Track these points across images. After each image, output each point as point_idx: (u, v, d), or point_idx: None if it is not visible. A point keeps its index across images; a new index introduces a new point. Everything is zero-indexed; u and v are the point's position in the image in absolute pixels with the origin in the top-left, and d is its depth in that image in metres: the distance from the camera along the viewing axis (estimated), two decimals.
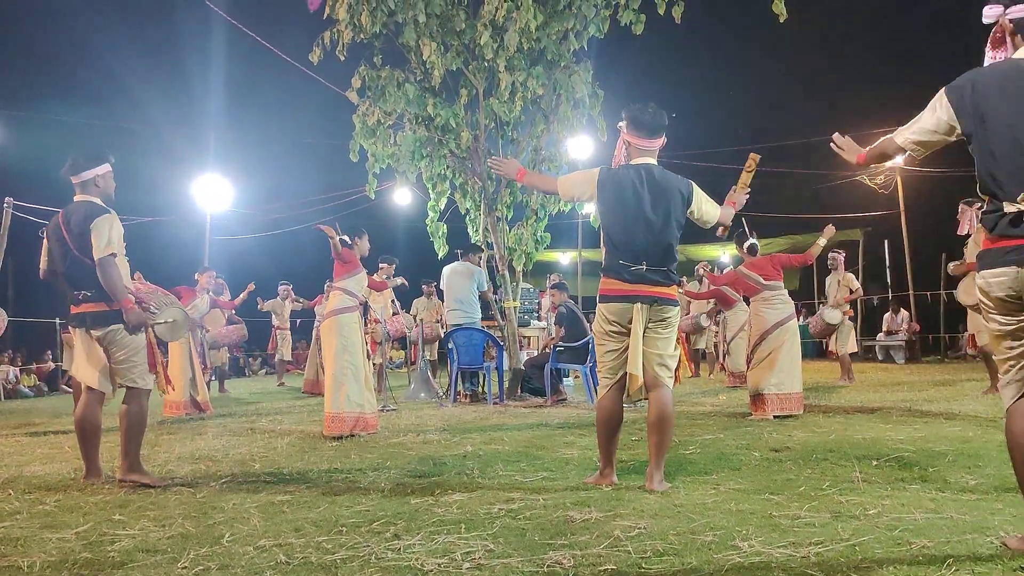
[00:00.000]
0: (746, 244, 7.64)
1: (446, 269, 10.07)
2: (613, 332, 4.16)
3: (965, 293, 8.12)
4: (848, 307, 10.42)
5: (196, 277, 10.11)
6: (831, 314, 10.27)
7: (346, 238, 6.86)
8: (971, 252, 8.75)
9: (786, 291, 7.40)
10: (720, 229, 4.58)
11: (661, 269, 4.11)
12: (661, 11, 9.06)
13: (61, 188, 4.88)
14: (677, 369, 4.39)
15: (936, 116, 2.85)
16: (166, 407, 8.43)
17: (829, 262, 10.90)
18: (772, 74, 22.55)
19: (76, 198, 4.65)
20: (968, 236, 8.82)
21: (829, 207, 19.76)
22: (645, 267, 4.07)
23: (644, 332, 4.09)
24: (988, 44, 2.87)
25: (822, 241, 7.68)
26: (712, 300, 11.52)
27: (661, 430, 4.04)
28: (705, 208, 4.30)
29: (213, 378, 11.68)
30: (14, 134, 17.28)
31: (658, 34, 9.94)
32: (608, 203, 4.16)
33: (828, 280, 10.84)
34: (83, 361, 4.62)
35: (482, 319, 10.02)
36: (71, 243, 4.50)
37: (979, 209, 8.46)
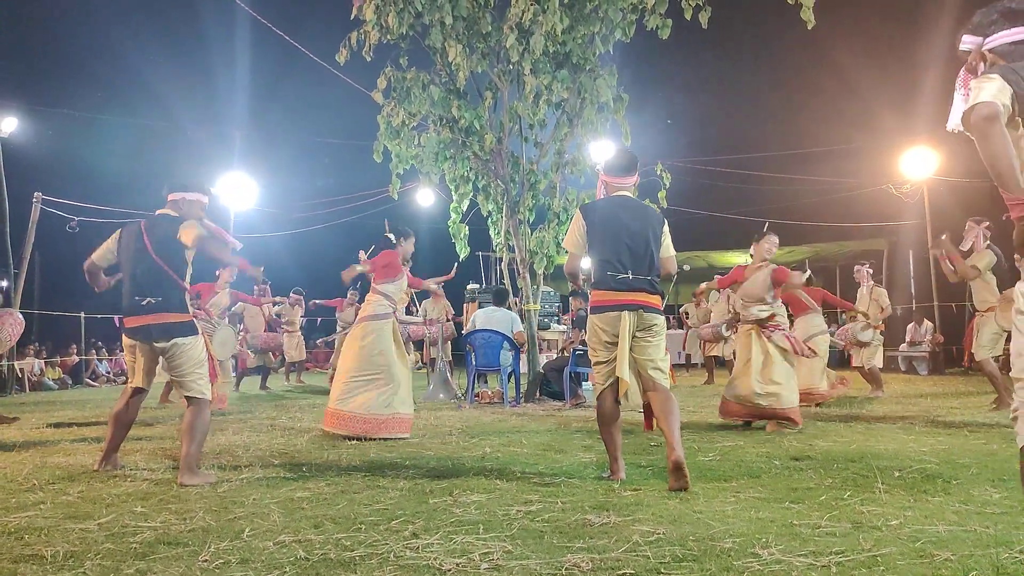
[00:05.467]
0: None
1: (480, 313, 9.91)
2: (606, 343, 4.46)
3: (1004, 319, 7.91)
4: (881, 322, 10.24)
5: (217, 273, 10.19)
6: (863, 334, 10.12)
7: (391, 236, 6.83)
8: (965, 269, 8.34)
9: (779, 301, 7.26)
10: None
11: (646, 278, 4.47)
12: (688, 16, 9.03)
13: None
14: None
15: None
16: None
17: (855, 275, 10.74)
18: (798, 80, 22.37)
19: (161, 211, 4.83)
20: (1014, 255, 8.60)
21: (853, 215, 19.54)
22: (631, 275, 4.42)
23: (633, 341, 4.41)
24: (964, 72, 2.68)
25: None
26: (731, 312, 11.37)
27: (668, 412, 4.32)
28: (667, 242, 4.68)
29: (234, 374, 11.86)
30: (42, 130, 17.48)
31: (685, 39, 9.91)
32: (594, 224, 4.56)
33: (859, 293, 10.68)
34: (144, 368, 4.78)
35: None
36: (151, 248, 4.61)
37: (987, 228, 8.27)
